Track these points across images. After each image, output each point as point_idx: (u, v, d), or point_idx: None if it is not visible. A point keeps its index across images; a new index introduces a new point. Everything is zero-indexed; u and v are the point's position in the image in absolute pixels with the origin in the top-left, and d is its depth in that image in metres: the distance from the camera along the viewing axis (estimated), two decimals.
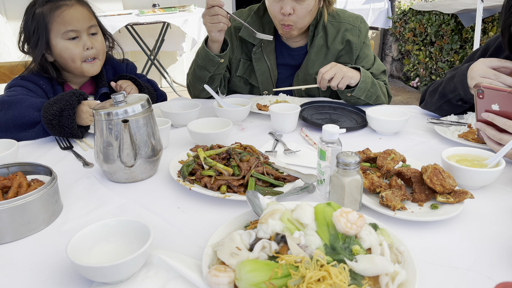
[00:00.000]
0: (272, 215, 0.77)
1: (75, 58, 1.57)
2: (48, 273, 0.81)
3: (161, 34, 4.56)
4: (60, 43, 1.55)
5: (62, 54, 1.57)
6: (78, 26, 1.55)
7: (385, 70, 1.87)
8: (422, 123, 1.57)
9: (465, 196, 0.97)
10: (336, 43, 1.81)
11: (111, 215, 1.02)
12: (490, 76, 1.25)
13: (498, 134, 1.15)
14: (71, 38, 1.56)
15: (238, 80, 1.92)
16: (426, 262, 0.82)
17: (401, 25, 5.18)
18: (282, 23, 1.69)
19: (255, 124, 1.61)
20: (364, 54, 1.84)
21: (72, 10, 1.55)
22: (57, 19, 1.53)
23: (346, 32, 1.81)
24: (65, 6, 1.54)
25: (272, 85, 1.90)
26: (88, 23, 1.58)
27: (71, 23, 1.54)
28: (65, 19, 1.53)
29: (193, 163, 1.12)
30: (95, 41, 1.61)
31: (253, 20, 1.83)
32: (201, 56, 1.69)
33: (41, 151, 1.38)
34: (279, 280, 0.66)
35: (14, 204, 0.88)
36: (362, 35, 1.83)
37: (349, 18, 1.84)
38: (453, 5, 4.28)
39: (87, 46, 1.58)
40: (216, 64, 1.69)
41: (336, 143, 1.01)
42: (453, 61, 4.29)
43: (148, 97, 1.15)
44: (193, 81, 1.80)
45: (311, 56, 1.82)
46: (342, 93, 1.68)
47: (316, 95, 1.90)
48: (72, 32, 1.55)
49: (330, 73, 1.59)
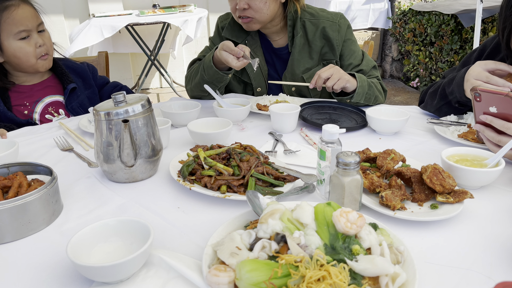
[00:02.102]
0: (272, 215, 0.78)
1: (29, 57, 1.62)
2: (48, 273, 0.81)
3: (161, 34, 4.56)
4: (13, 43, 1.58)
5: (16, 54, 1.60)
6: (29, 25, 1.59)
7: (376, 65, 1.86)
8: (422, 123, 1.58)
9: (465, 196, 0.97)
10: (316, 39, 1.81)
11: (111, 215, 1.02)
12: (482, 79, 1.28)
13: (496, 136, 1.15)
14: (22, 38, 1.59)
15: (232, 78, 1.92)
16: (425, 262, 0.82)
17: (401, 26, 5.18)
18: (240, 15, 1.72)
19: (255, 124, 1.61)
20: (350, 51, 1.82)
21: (21, 10, 1.58)
22: (7, 20, 1.55)
23: (325, 29, 1.80)
24: (13, 7, 1.56)
25: (264, 80, 1.90)
26: (37, 21, 1.63)
27: (22, 23, 1.57)
28: (16, 19, 1.56)
29: (193, 163, 1.12)
30: (44, 38, 1.66)
31: (234, 22, 1.85)
32: (208, 73, 1.68)
33: (41, 151, 1.38)
34: (279, 280, 0.66)
35: (14, 204, 0.88)
36: (342, 30, 1.81)
37: (328, 16, 1.83)
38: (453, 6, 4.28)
39: (39, 43, 1.63)
40: (225, 80, 1.71)
41: (336, 143, 1.01)
42: (453, 61, 4.29)
43: (148, 97, 1.15)
44: (195, 90, 1.81)
45: (295, 56, 1.82)
46: (341, 100, 1.69)
47: (307, 96, 1.89)
48: (23, 32, 1.59)
49: (327, 73, 1.59)
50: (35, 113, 1.72)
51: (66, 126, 1.56)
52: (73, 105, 1.76)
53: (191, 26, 4.20)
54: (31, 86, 1.73)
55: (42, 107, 1.73)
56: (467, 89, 1.32)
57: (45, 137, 1.49)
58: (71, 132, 1.52)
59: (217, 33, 1.94)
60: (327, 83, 1.60)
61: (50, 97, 1.76)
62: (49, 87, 1.77)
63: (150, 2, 4.86)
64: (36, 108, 1.72)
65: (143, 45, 4.58)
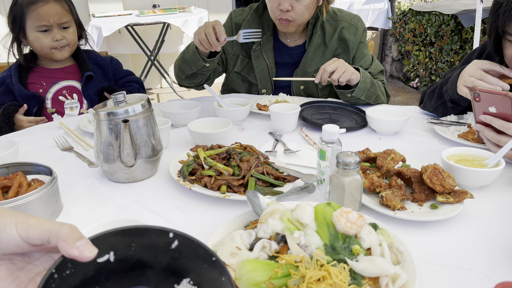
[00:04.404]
0: (272, 215, 0.78)
1: (44, 47, 1.76)
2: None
3: (161, 34, 4.56)
4: (32, 33, 1.74)
5: (33, 43, 1.77)
6: (51, 22, 1.73)
7: (383, 70, 1.87)
8: (422, 123, 1.58)
9: (465, 196, 0.97)
10: (333, 41, 1.82)
11: (111, 215, 1.02)
12: (476, 76, 1.28)
13: (496, 136, 1.16)
14: (42, 31, 1.74)
15: (236, 76, 1.92)
16: (425, 262, 0.82)
17: (401, 26, 5.18)
18: (280, 17, 1.70)
19: (255, 124, 1.61)
20: (362, 54, 1.85)
21: (47, 7, 1.72)
22: (32, 14, 1.71)
23: (343, 30, 1.82)
24: (41, 2, 1.71)
25: (270, 83, 1.90)
26: (60, 19, 1.75)
27: (45, 18, 1.72)
28: (39, 14, 1.71)
29: (193, 163, 1.12)
30: (66, 33, 1.79)
31: (252, 18, 1.83)
32: (189, 52, 1.67)
33: (41, 151, 1.38)
34: (279, 280, 0.66)
35: (14, 204, 0.88)
36: (358, 33, 1.84)
37: (346, 17, 1.85)
38: (453, 6, 4.28)
39: (56, 38, 1.76)
40: (200, 66, 1.67)
41: (336, 143, 1.01)
42: (453, 61, 4.29)
43: (148, 97, 1.15)
44: (177, 70, 1.80)
45: (309, 54, 1.83)
46: (342, 94, 1.68)
47: (315, 95, 1.90)
48: (44, 27, 1.73)
49: (332, 66, 1.58)
50: (49, 92, 1.84)
51: (66, 126, 1.56)
52: (90, 92, 1.87)
53: (191, 26, 4.20)
54: (52, 70, 1.87)
55: (57, 88, 1.85)
56: (460, 85, 1.33)
57: (45, 137, 1.49)
58: (71, 132, 1.52)
59: (229, 27, 1.89)
60: (332, 76, 1.58)
61: (67, 81, 1.88)
62: (69, 73, 1.90)
63: (150, 2, 4.86)
64: (51, 88, 1.85)
65: (143, 45, 4.58)
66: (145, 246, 0.53)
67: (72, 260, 0.47)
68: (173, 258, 0.54)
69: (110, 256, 0.51)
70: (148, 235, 0.53)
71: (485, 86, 1.23)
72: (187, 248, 0.54)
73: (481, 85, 1.25)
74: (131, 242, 0.52)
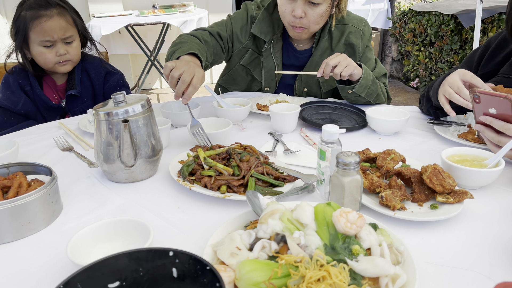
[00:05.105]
0: (272, 215, 0.78)
1: (47, 62, 1.73)
2: (48, 273, 0.81)
3: (161, 34, 4.56)
4: (35, 48, 1.71)
5: (37, 57, 1.73)
6: (55, 37, 1.69)
7: (386, 74, 1.87)
8: (422, 123, 1.58)
9: (465, 196, 0.97)
10: (340, 45, 1.83)
11: (111, 215, 1.02)
12: (454, 88, 1.29)
13: (496, 137, 1.16)
14: (46, 46, 1.70)
15: (241, 69, 1.91)
16: (425, 262, 0.82)
17: (401, 26, 5.18)
18: (293, 25, 1.68)
19: (255, 124, 1.61)
20: (366, 58, 1.86)
21: (51, 22, 1.67)
22: (36, 28, 1.66)
23: (350, 35, 1.82)
24: (45, 17, 1.66)
25: (275, 83, 1.91)
26: (64, 34, 1.71)
27: (49, 33, 1.67)
28: (43, 29, 1.66)
29: (193, 163, 1.12)
30: (70, 48, 1.75)
31: (263, 17, 1.81)
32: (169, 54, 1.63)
33: (41, 151, 1.38)
34: (279, 280, 0.66)
35: (14, 204, 0.88)
36: (365, 38, 1.85)
37: (353, 21, 1.85)
38: (453, 6, 4.28)
39: (60, 52, 1.72)
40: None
41: (336, 143, 1.01)
42: (453, 61, 4.29)
43: (148, 97, 1.15)
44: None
45: (315, 58, 1.83)
46: (343, 89, 1.68)
47: (318, 96, 1.90)
48: (48, 42, 1.69)
49: (335, 60, 1.57)
50: (62, 101, 1.85)
51: (66, 126, 1.56)
52: (75, 110, 1.82)
53: (191, 26, 4.20)
54: (57, 85, 1.86)
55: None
56: (440, 93, 1.35)
57: (45, 137, 1.49)
58: (71, 132, 1.52)
59: (245, 18, 1.84)
60: (335, 70, 1.57)
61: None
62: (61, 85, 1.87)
63: (150, 3, 4.86)
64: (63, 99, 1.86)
65: (143, 45, 4.58)
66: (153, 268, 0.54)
67: (81, 280, 0.48)
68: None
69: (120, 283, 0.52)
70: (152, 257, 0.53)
71: (460, 101, 1.26)
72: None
73: (456, 99, 1.27)
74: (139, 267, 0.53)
